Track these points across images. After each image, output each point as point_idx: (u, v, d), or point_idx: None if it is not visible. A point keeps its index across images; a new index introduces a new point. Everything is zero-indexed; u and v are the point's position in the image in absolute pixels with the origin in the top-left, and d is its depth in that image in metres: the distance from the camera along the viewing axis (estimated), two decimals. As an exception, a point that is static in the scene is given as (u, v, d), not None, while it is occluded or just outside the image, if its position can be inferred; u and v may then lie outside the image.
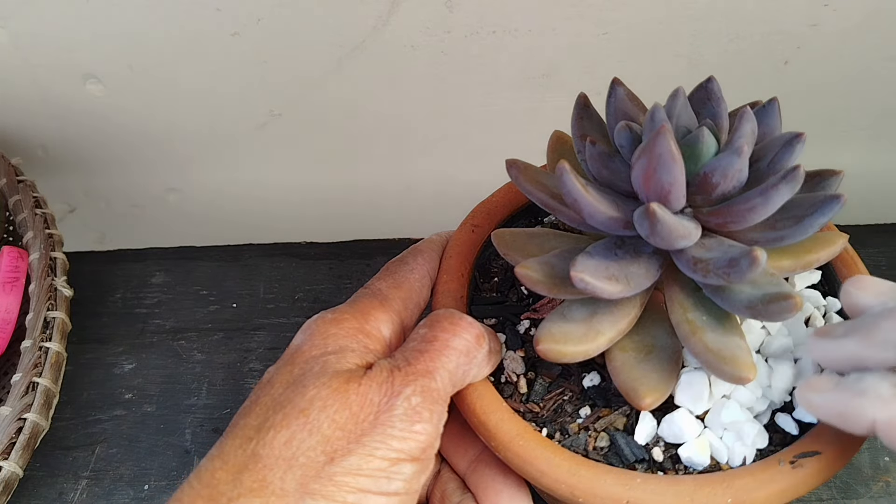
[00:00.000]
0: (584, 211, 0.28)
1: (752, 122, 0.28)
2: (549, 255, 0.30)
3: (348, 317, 0.30)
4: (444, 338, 0.29)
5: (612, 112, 0.31)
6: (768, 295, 0.27)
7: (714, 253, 0.27)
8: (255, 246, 0.56)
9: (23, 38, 0.51)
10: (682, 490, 0.28)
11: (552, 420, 0.31)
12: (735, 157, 0.26)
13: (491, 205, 0.38)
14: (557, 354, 0.28)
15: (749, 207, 0.27)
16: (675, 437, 0.30)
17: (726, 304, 0.28)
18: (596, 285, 0.27)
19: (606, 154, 0.29)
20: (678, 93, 0.29)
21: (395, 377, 0.28)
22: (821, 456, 0.28)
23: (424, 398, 0.27)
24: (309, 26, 0.49)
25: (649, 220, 0.26)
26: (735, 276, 0.26)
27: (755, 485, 0.28)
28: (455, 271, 0.35)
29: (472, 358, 0.30)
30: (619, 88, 0.31)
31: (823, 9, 0.46)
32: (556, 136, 0.35)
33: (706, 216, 0.28)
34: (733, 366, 0.27)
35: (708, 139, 0.27)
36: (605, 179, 0.29)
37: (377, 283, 0.33)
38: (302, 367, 0.28)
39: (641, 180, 0.27)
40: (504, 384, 0.32)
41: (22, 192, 0.49)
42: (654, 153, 0.26)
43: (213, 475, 0.25)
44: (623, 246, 0.29)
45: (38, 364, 0.41)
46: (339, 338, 0.29)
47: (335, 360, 0.28)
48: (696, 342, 0.28)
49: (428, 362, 0.28)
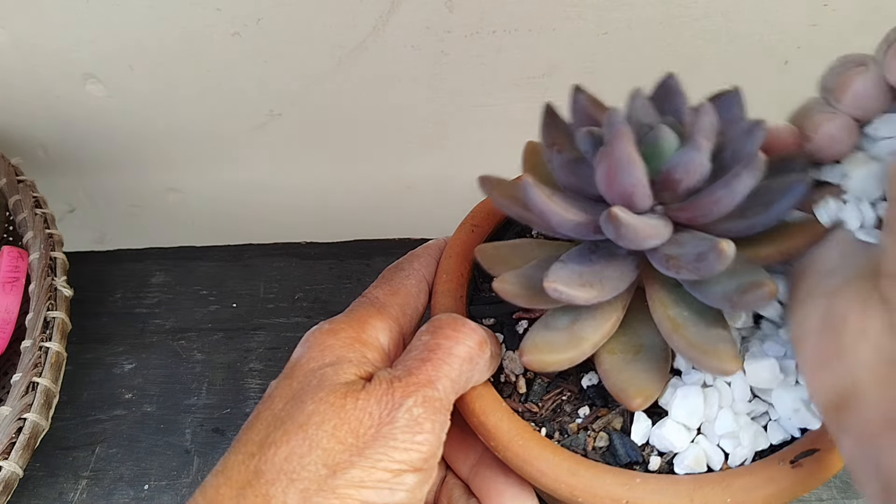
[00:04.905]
0: (552, 220, 0.28)
1: (711, 114, 0.27)
2: (526, 267, 0.30)
3: (345, 327, 0.30)
4: (446, 345, 0.29)
5: (575, 118, 0.31)
6: (743, 284, 0.27)
7: (685, 248, 0.27)
8: (255, 246, 0.56)
9: (23, 38, 0.51)
10: (682, 490, 0.28)
11: (551, 420, 0.31)
12: (694, 152, 0.26)
13: (491, 205, 0.38)
14: (542, 364, 0.28)
15: (714, 200, 0.27)
16: (666, 448, 0.29)
17: (704, 297, 0.28)
18: (570, 293, 0.27)
19: (573, 160, 0.29)
20: (637, 93, 0.29)
21: (396, 388, 0.27)
22: (821, 456, 0.28)
23: (426, 408, 0.27)
24: (309, 26, 0.49)
25: (613, 224, 0.26)
26: (705, 269, 0.26)
27: (755, 485, 0.28)
28: (455, 271, 0.35)
29: (475, 364, 0.30)
30: (581, 95, 0.31)
31: (823, 9, 0.46)
32: (530, 146, 0.35)
33: (676, 212, 0.28)
34: (716, 359, 0.27)
35: (668, 136, 0.27)
36: (573, 186, 0.29)
37: (374, 292, 0.33)
38: (300, 380, 0.28)
39: (604, 184, 0.27)
40: (503, 384, 0.32)
41: (22, 192, 0.49)
42: (614, 156, 0.26)
43: (218, 491, 0.26)
44: (597, 251, 0.29)
45: (38, 364, 0.41)
46: (336, 348, 0.29)
47: (333, 372, 0.28)
48: (678, 339, 0.28)
49: (430, 371, 0.28)
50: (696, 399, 0.29)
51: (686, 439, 0.29)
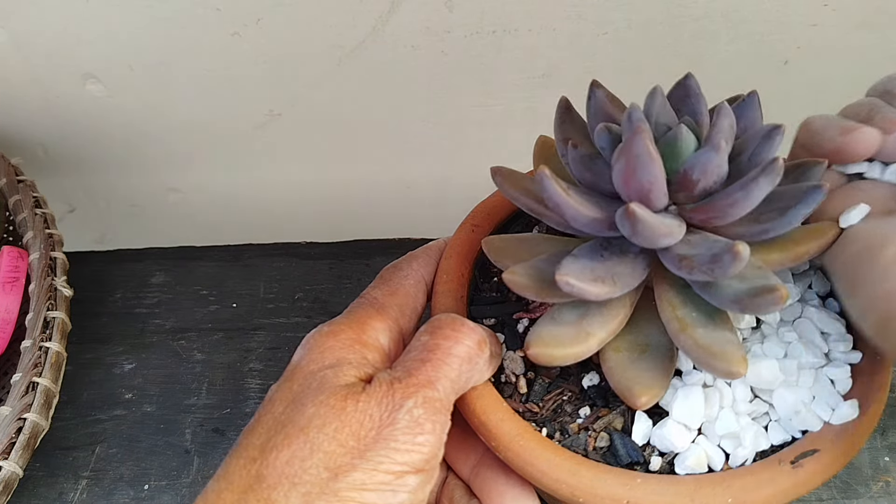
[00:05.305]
0: (567, 214, 0.28)
1: (730, 116, 0.28)
2: (536, 260, 0.30)
3: (344, 328, 0.30)
4: (446, 346, 0.29)
5: (592, 114, 0.31)
6: (755, 288, 0.27)
7: (698, 249, 0.27)
8: (255, 246, 0.56)
9: (23, 37, 0.51)
10: (682, 490, 0.28)
11: (552, 420, 0.31)
12: (713, 154, 0.26)
13: (491, 205, 0.38)
14: (549, 358, 0.28)
15: (730, 202, 0.27)
16: (667, 449, 0.30)
17: (714, 299, 0.28)
18: (582, 287, 0.27)
19: (588, 156, 0.29)
20: (656, 91, 0.29)
21: (396, 390, 0.28)
22: (821, 456, 0.28)
23: (427, 409, 0.27)
24: (309, 26, 0.49)
25: (630, 221, 0.26)
26: (719, 271, 0.26)
27: (755, 485, 0.28)
28: (455, 271, 0.35)
29: (475, 364, 0.30)
30: (599, 91, 0.31)
31: (823, 9, 0.46)
32: (542, 140, 0.35)
33: (690, 213, 0.28)
34: (724, 361, 0.27)
35: (686, 136, 0.27)
36: (588, 182, 0.29)
37: (372, 292, 0.33)
38: (301, 383, 0.28)
39: (621, 181, 0.27)
40: (504, 384, 0.32)
41: (22, 192, 0.49)
42: (632, 153, 0.26)
43: (219, 496, 0.26)
44: (609, 247, 0.29)
45: (38, 364, 0.41)
46: (336, 350, 0.29)
47: (333, 374, 0.28)
48: (685, 339, 0.28)
49: (430, 372, 0.28)
50: (698, 399, 0.29)
51: (687, 440, 0.29)
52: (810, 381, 0.30)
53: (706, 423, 0.30)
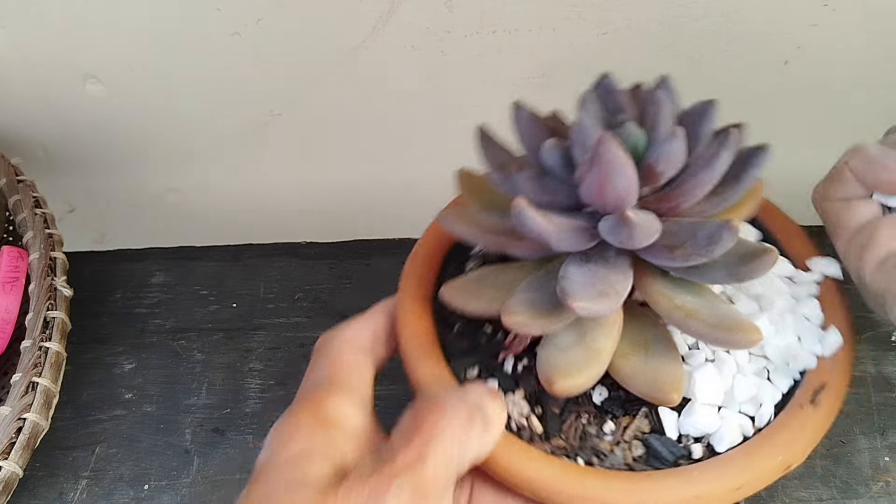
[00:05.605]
0: (551, 239, 0.27)
1: (668, 101, 0.28)
2: (521, 293, 0.29)
3: (300, 410, 0.28)
4: (432, 420, 0.27)
5: (524, 135, 0.31)
6: (748, 255, 0.27)
7: (686, 235, 0.27)
8: (255, 246, 0.56)
9: (23, 37, 0.51)
10: (739, 465, 0.28)
11: (581, 448, 0.30)
12: (675, 141, 0.27)
13: (421, 257, 0.36)
14: (577, 388, 0.28)
15: (697, 182, 0.27)
16: (700, 433, 0.30)
17: (707, 278, 0.28)
18: (596, 309, 0.27)
19: (537, 177, 0.29)
20: (587, 99, 0.29)
21: (380, 476, 0.25)
22: (831, 388, 0.30)
23: (414, 494, 0.25)
24: (309, 26, 0.49)
25: (627, 228, 0.26)
26: (719, 248, 0.26)
27: (794, 434, 0.29)
28: (423, 336, 0.33)
29: (467, 436, 0.27)
30: (522, 111, 0.31)
31: (823, 9, 0.46)
32: (463, 173, 0.34)
33: (656, 204, 0.28)
34: (741, 332, 0.27)
35: (637, 132, 0.27)
36: (547, 202, 0.29)
37: (311, 375, 0.31)
38: (272, 482, 0.26)
39: (595, 191, 0.27)
40: (519, 431, 0.31)
41: (22, 192, 0.49)
42: (604, 161, 0.26)
43: None
44: (590, 259, 0.29)
45: (38, 364, 0.41)
46: (298, 441, 0.27)
47: (301, 472, 0.26)
48: (695, 324, 0.28)
49: (419, 448, 0.26)
50: (714, 376, 0.30)
51: (715, 418, 0.30)
52: (792, 322, 0.32)
53: (725, 396, 0.30)
